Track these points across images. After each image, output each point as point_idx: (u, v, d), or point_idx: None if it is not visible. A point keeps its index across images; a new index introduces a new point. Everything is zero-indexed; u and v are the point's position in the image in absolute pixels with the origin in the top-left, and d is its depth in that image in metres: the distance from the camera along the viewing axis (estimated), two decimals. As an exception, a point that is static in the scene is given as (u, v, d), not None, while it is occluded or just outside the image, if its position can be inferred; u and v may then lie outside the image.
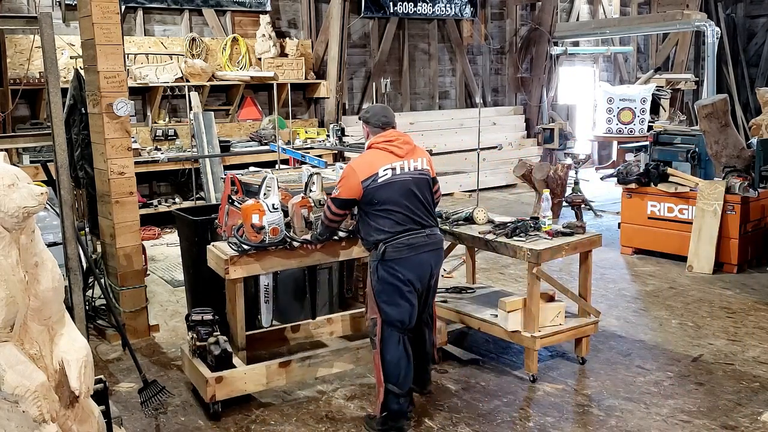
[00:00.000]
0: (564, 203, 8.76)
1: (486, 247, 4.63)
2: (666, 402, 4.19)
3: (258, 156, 9.37)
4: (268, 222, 4.08)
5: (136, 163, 5.77)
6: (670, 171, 7.38)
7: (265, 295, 4.45)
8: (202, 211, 5.32)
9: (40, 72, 8.06)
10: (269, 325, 4.71)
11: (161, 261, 7.52)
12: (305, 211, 4.26)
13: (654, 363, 4.75)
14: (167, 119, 9.74)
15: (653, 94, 12.72)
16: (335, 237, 4.31)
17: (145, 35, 9.55)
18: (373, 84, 11.47)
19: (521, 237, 4.45)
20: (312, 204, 4.28)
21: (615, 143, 13.25)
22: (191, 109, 9.39)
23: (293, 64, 10.45)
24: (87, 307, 5.07)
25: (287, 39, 10.69)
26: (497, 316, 4.54)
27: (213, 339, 4.19)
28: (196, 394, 4.30)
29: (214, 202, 8.44)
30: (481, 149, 8.47)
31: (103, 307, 5.40)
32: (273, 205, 4.12)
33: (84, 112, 5.31)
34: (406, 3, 11.76)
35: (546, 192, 4.91)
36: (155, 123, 9.56)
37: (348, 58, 11.00)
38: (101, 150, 5.10)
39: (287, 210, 4.28)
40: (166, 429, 3.99)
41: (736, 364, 4.72)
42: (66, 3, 5.47)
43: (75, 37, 7.90)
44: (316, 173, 4.48)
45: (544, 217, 4.58)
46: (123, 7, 8.43)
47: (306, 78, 10.63)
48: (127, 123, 5.12)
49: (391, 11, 11.63)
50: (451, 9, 12.34)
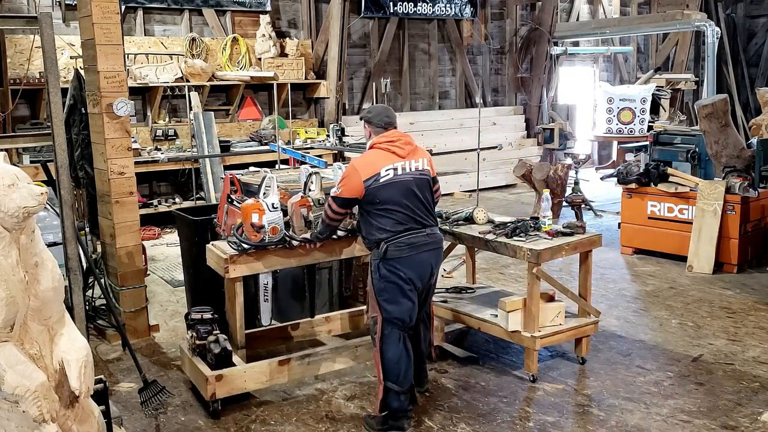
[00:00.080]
0: (564, 203, 8.76)
1: (486, 247, 4.63)
2: (666, 402, 4.19)
3: (258, 156, 9.36)
4: (267, 221, 4.08)
5: (136, 163, 5.77)
6: (670, 171, 7.38)
7: (265, 294, 4.45)
8: (202, 211, 5.32)
9: (40, 72, 8.06)
10: (268, 324, 4.71)
11: (161, 261, 7.52)
12: (304, 211, 4.26)
13: (654, 363, 4.75)
14: (167, 119, 9.74)
15: (653, 94, 12.71)
16: (334, 236, 4.32)
17: (145, 35, 9.55)
18: (373, 84, 11.46)
19: (521, 237, 4.45)
20: (311, 203, 4.29)
21: (615, 143, 13.24)
22: (191, 109, 9.39)
23: (293, 64, 10.45)
24: (87, 307, 5.08)
25: (287, 39, 10.69)
26: (497, 316, 4.54)
27: (213, 337, 4.20)
28: (196, 393, 4.30)
29: (214, 202, 8.43)
30: (481, 149, 8.47)
31: (103, 307, 5.40)
32: (272, 205, 4.12)
33: (84, 112, 5.31)
34: (406, 3, 11.75)
35: (546, 192, 4.91)
36: (155, 123, 9.56)
37: (348, 58, 10.99)
38: (101, 150, 5.10)
39: (286, 209, 4.28)
40: (166, 429, 3.99)
41: (736, 364, 4.72)
42: (66, 3, 5.47)
43: (75, 37, 7.90)
44: (315, 172, 4.50)
45: (544, 217, 4.59)
46: (123, 7, 8.43)
47: (306, 78, 10.63)
48: (127, 123, 5.12)
49: (391, 11, 11.63)
50: (451, 9, 12.33)
